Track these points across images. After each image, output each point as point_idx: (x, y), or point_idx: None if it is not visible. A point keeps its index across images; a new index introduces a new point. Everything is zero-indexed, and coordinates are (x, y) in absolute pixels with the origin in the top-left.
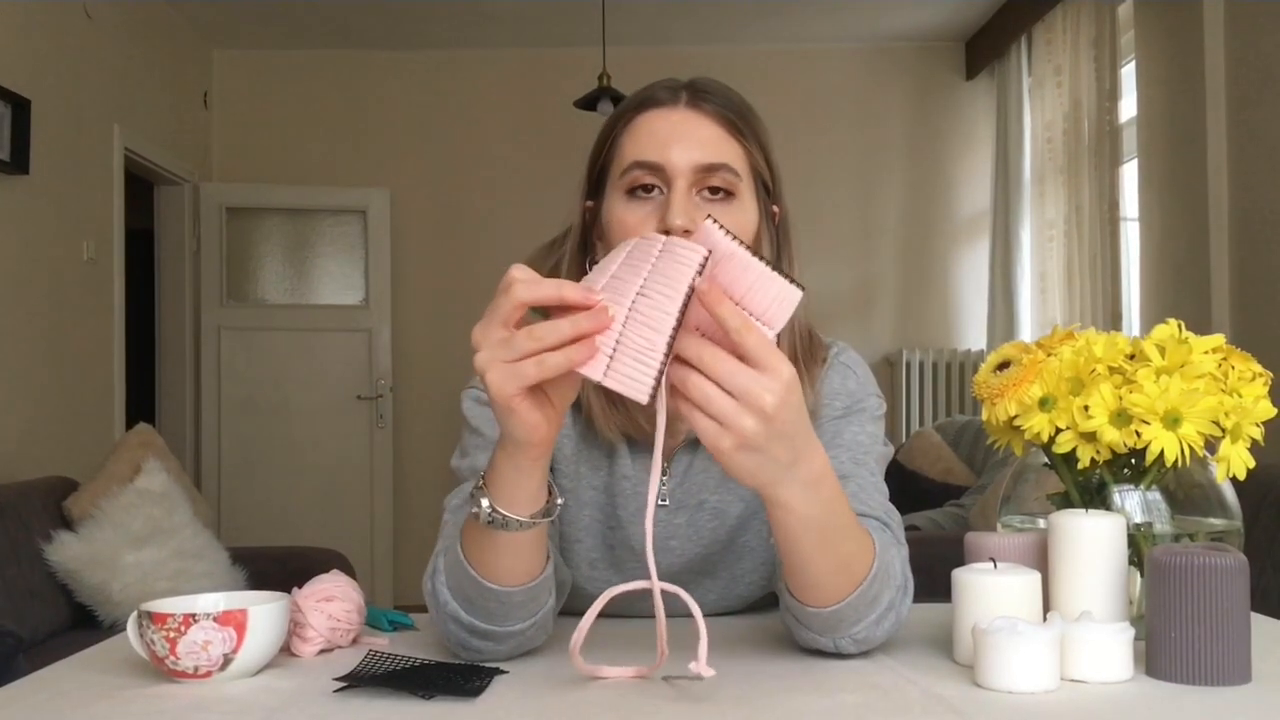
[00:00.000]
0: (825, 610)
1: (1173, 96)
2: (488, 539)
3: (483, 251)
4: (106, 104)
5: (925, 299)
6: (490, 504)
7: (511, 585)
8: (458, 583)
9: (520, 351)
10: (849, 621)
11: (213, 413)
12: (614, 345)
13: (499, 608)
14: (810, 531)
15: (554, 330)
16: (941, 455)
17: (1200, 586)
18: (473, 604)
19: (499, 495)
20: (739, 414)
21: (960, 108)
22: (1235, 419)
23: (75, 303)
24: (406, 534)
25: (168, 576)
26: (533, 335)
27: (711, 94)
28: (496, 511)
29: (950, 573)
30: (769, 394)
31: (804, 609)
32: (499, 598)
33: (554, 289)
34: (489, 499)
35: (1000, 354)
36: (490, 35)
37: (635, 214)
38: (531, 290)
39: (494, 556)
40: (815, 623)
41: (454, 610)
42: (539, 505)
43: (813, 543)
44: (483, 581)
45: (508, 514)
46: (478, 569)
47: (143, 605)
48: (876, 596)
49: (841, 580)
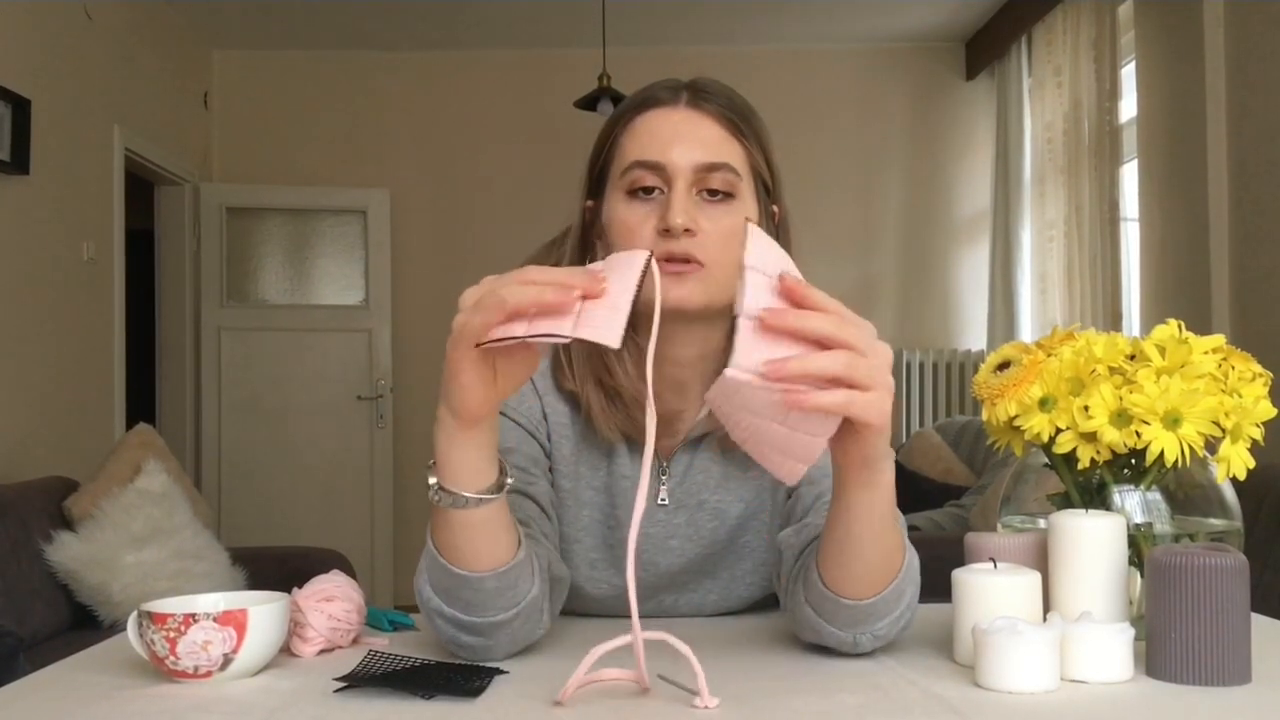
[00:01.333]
0: (863, 603)
1: (1173, 97)
2: (445, 521)
3: (483, 251)
4: (106, 104)
5: (925, 299)
6: (437, 481)
7: (480, 570)
8: (435, 575)
9: (498, 294)
10: (877, 616)
11: (213, 413)
12: (578, 308)
13: (474, 595)
14: (884, 516)
15: (543, 272)
16: (941, 455)
17: (1200, 587)
18: (450, 595)
19: (443, 472)
20: (871, 364)
21: (960, 108)
22: (1235, 419)
23: (75, 303)
24: (406, 534)
25: (168, 577)
26: (523, 276)
27: (712, 94)
28: (444, 490)
29: (950, 573)
30: (869, 337)
31: (839, 601)
32: (471, 584)
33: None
34: (437, 477)
35: (1000, 354)
36: (491, 35)
37: (635, 214)
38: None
39: (455, 539)
40: (843, 616)
41: (437, 605)
42: (487, 482)
43: (878, 528)
44: (451, 568)
45: (454, 490)
46: (445, 554)
47: (143, 605)
48: (903, 592)
49: (883, 573)
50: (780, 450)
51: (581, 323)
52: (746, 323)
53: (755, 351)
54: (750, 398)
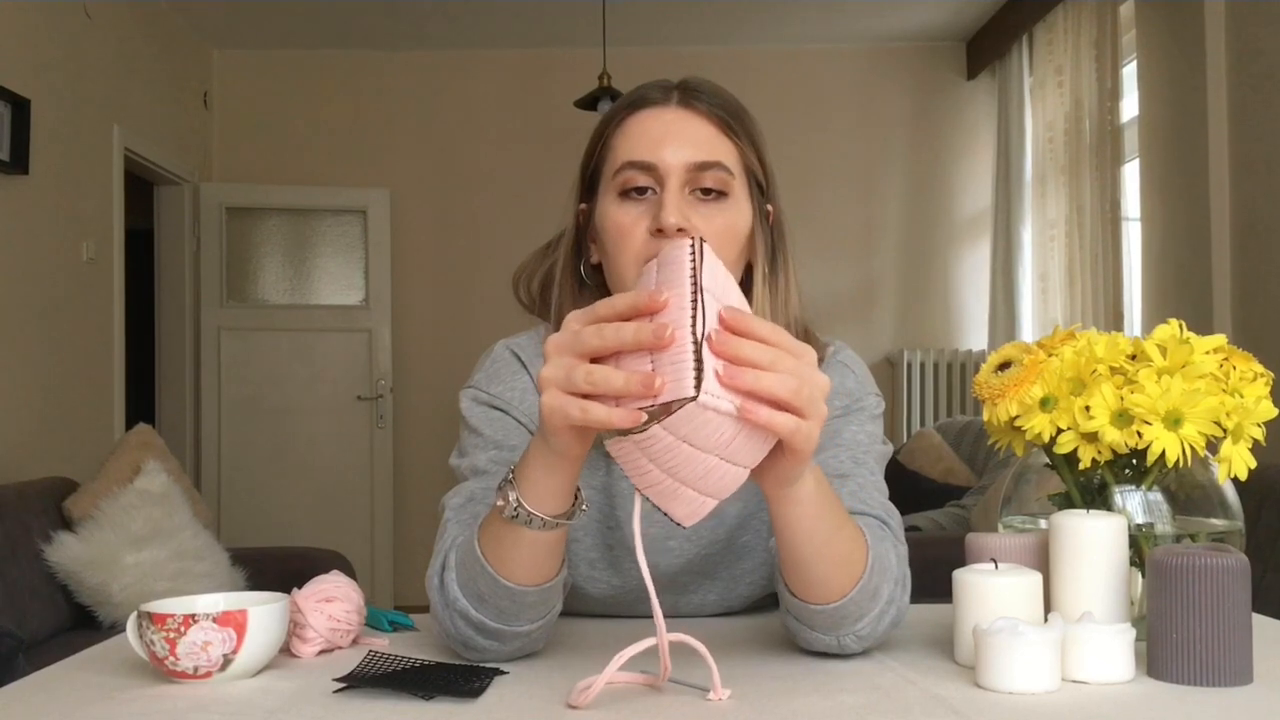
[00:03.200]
0: (830, 606)
1: (1174, 96)
2: (509, 534)
3: (483, 251)
4: (106, 104)
5: (926, 299)
6: (518, 498)
7: (527, 584)
8: (470, 578)
9: (574, 387)
10: (853, 617)
11: (213, 413)
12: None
13: (511, 606)
14: (821, 522)
15: (606, 381)
16: (942, 455)
17: (1201, 587)
18: (484, 601)
19: (527, 492)
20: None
21: (961, 108)
22: (1237, 419)
23: (75, 303)
24: (406, 534)
25: (168, 577)
26: (590, 378)
27: (704, 93)
28: (523, 507)
29: (951, 573)
30: (810, 368)
31: (808, 607)
32: (512, 595)
33: (624, 327)
34: (517, 494)
35: (1001, 354)
36: (490, 35)
37: (629, 214)
38: (600, 336)
39: (514, 553)
40: (820, 620)
41: (463, 607)
42: (566, 506)
43: (822, 536)
44: (498, 578)
45: (534, 511)
46: (495, 565)
47: (142, 606)
48: (877, 589)
49: (844, 574)
50: (699, 486)
51: (663, 382)
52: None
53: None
54: (703, 425)
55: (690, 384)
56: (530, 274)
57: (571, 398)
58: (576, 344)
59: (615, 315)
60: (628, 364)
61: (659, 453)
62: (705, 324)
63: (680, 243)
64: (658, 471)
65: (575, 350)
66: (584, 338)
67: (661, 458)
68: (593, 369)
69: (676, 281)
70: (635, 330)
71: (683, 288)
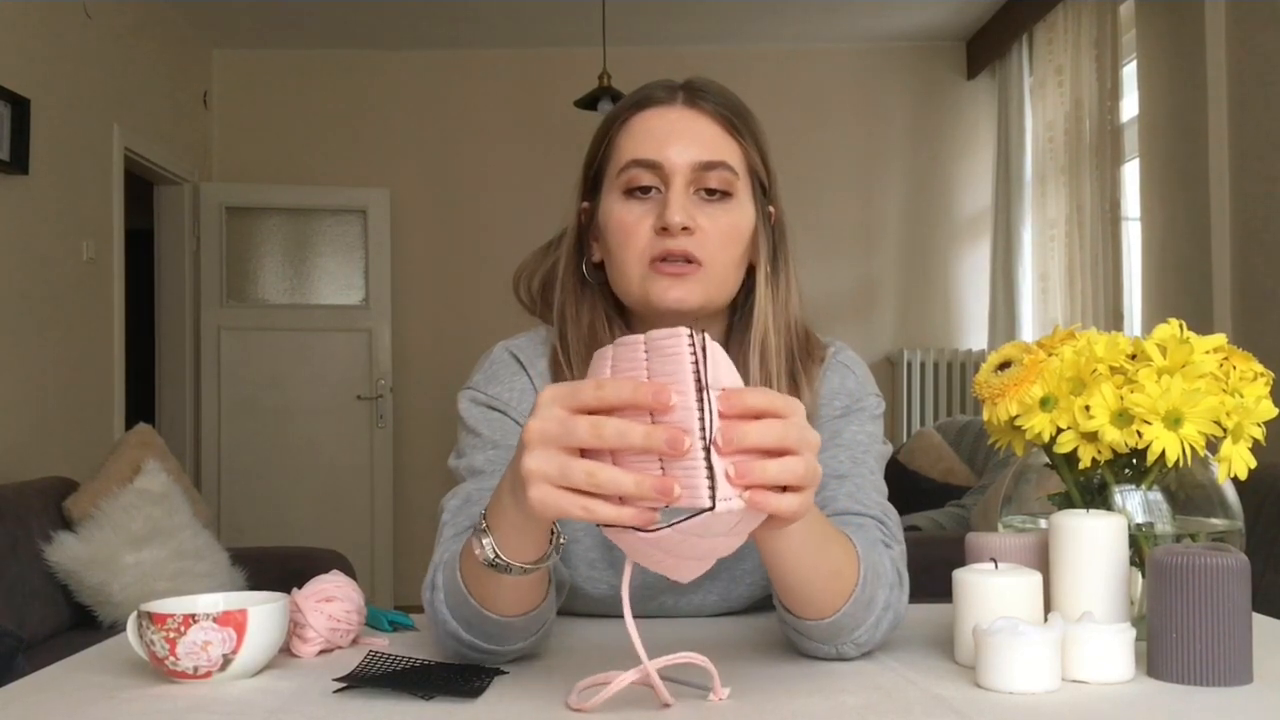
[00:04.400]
0: (825, 621)
1: (1174, 96)
2: (489, 577)
3: (483, 251)
4: (106, 104)
5: (926, 299)
6: (493, 548)
7: (513, 615)
8: (456, 605)
9: (570, 484)
10: (849, 628)
11: (213, 413)
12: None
13: (499, 631)
14: (807, 546)
15: (613, 483)
16: (942, 455)
17: (1202, 587)
18: (472, 626)
19: (504, 542)
20: (810, 462)
21: (961, 107)
22: (1237, 419)
23: (75, 303)
24: (406, 534)
25: (168, 577)
26: (592, 479)
27: (709, 93)
28: (500, 558)
29: (951, 573)
30: (806, 430)
31: (803, 623)
32: (499, 625)
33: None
34: (492, 542)
35: (1001, 354)
36: (491, 35)
37: (633, 213)
38: (599, 429)
39: (496, 590)
40: (816, 633)
41: (454, 629)
42: (541, 552)
43: (810, 558)
44: (484, 612)
45: (510, 561)
46: (478, 599)
47: (142, 606)
48: (872, 598)
49: (836, 589)
50: (700, 557)
51: (680, 492)
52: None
53: (725, 482)
54: (714, 522)
55: (705, 495)
56: (531, 273)
57: (567, 494)
58: (566, 437)
59: (604, 406)
60: (628, 462)
61: (667, 545)
62: (713, 427)
63: (676, 333)
64: (660, 554)
65: (564, 444)
66: (576, 432)
67: (667, 546)
68: (595, 470)
69: (677, 377)
70: (646, 436)
71: (684, 384)
